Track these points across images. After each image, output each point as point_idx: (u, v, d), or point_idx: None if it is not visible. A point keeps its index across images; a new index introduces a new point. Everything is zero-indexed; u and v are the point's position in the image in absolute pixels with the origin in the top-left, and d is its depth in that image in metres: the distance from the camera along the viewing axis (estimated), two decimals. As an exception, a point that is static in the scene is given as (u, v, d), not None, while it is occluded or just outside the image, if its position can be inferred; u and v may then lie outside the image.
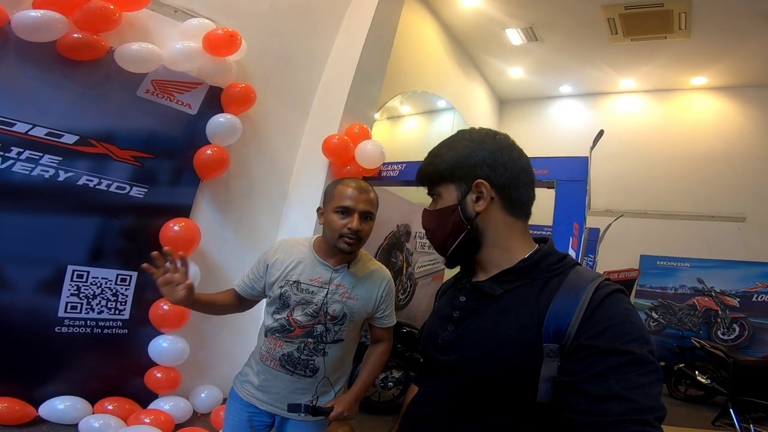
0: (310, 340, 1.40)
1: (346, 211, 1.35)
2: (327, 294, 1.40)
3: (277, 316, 1.42)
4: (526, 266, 0.76)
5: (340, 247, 1.35)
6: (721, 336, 5.55)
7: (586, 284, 0.68)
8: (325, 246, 1.42)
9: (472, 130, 0.84)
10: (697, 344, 4.85)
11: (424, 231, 0.88)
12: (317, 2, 3.73)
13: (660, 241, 6.15)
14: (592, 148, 2.46)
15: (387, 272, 1.52)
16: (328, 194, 1.42)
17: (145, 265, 1.20)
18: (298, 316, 1.40)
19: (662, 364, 5.48)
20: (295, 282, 1.41)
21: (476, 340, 0.75)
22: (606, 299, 0.65)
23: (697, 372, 4.88)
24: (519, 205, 0.80)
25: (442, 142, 0.85)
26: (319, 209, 1.46)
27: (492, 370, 0.70)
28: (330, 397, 1.47)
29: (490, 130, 0.83)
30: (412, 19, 5.32)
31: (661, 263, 5.95)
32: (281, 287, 1.41)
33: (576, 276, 0.71)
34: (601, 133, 2.52)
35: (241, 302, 1.55)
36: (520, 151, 0.82)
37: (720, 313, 5.62)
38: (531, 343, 0.67)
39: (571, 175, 2.35)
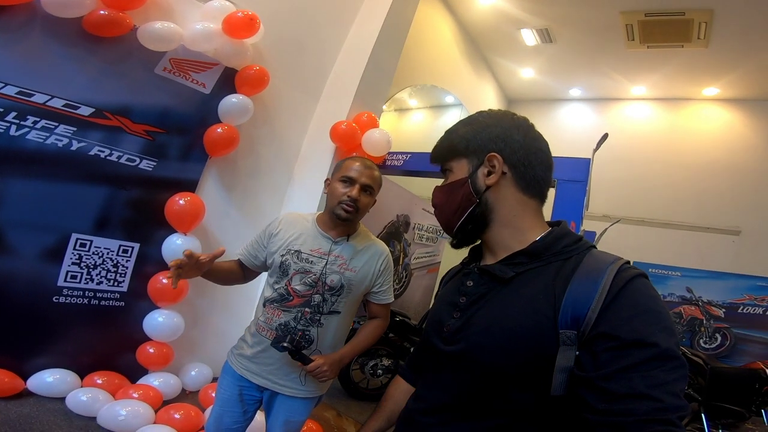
0: (307, 309, 1.44)
1: (349, 181, 1.44)
2: (326, 264, 1.45)
3: (276, 286, 1.47)
4: (540, 247, 0.71)
5: (337, 213, 1.43)
6: (703, 345, 5.55)
7: (605, 267, 0.62)
8: (327, 218, 1.49)
9: (491, 111, 0.81)
10: (678, 351, 4.90)
11: (433, 209, 0.84)
12: (334, -10, 3.76)
13: (654, 249, 6.18)
14: (596, 150, 2.50)
15: (385, 247, 1.58)
16: (337, 167, 1.51)
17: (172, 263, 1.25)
18: (297, 285, 1.44)
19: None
20: (296, 251, 1.47)
21: (485, 327, 0.69)
22: (629, 284, 0.60)
23: (673, 378, 4.94)
24: (533, 183, 0.75)
25: (460, 120, 0.83)
26: (326, 180, 1.54)
27: (503, 359, 0.65)
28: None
29: (509, 111, 0.81)
30: (427, 14, 5.31)
31: (653, 271, 6.01)
32: (282, 255, 1.47)
33: (593, 259, 0.66)
34: (605, 136, 2.56)
35: (245, 272, 1.62)
36: (539, 134, 0.79)
37: (704, 322, 5.62)
38: (546, 330, 0.62)
39: (572, 176, 2.39)
